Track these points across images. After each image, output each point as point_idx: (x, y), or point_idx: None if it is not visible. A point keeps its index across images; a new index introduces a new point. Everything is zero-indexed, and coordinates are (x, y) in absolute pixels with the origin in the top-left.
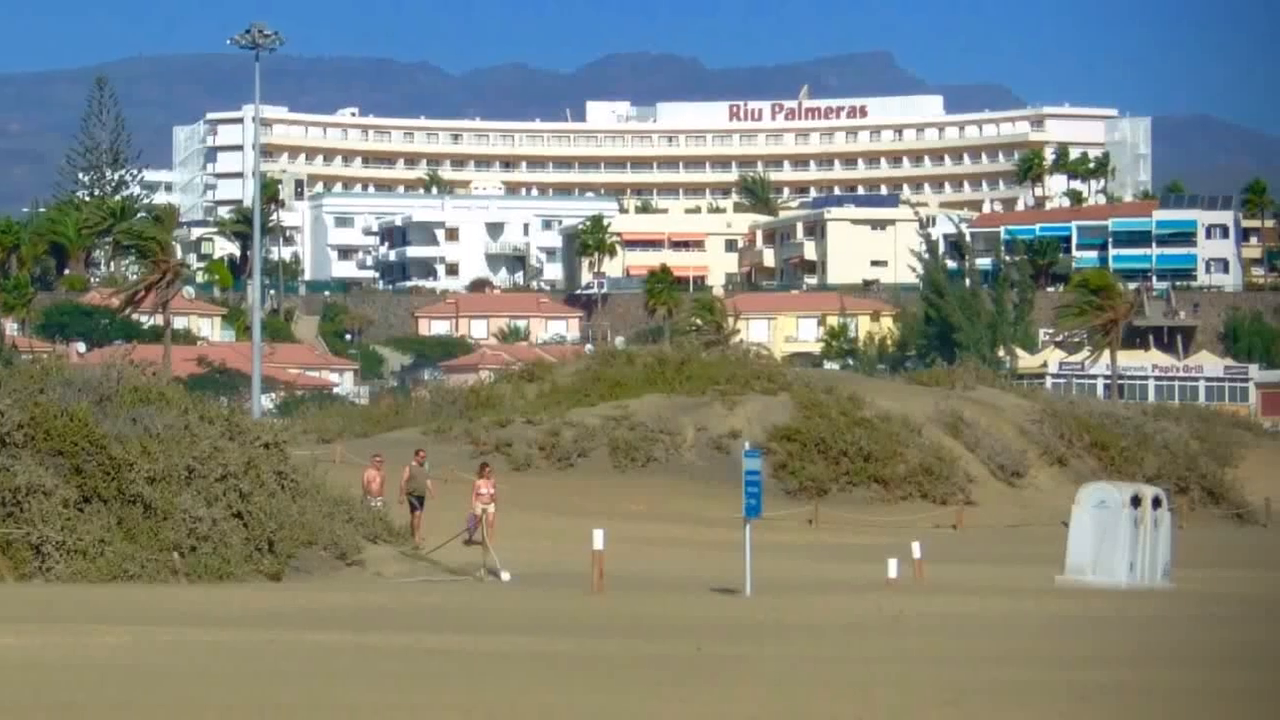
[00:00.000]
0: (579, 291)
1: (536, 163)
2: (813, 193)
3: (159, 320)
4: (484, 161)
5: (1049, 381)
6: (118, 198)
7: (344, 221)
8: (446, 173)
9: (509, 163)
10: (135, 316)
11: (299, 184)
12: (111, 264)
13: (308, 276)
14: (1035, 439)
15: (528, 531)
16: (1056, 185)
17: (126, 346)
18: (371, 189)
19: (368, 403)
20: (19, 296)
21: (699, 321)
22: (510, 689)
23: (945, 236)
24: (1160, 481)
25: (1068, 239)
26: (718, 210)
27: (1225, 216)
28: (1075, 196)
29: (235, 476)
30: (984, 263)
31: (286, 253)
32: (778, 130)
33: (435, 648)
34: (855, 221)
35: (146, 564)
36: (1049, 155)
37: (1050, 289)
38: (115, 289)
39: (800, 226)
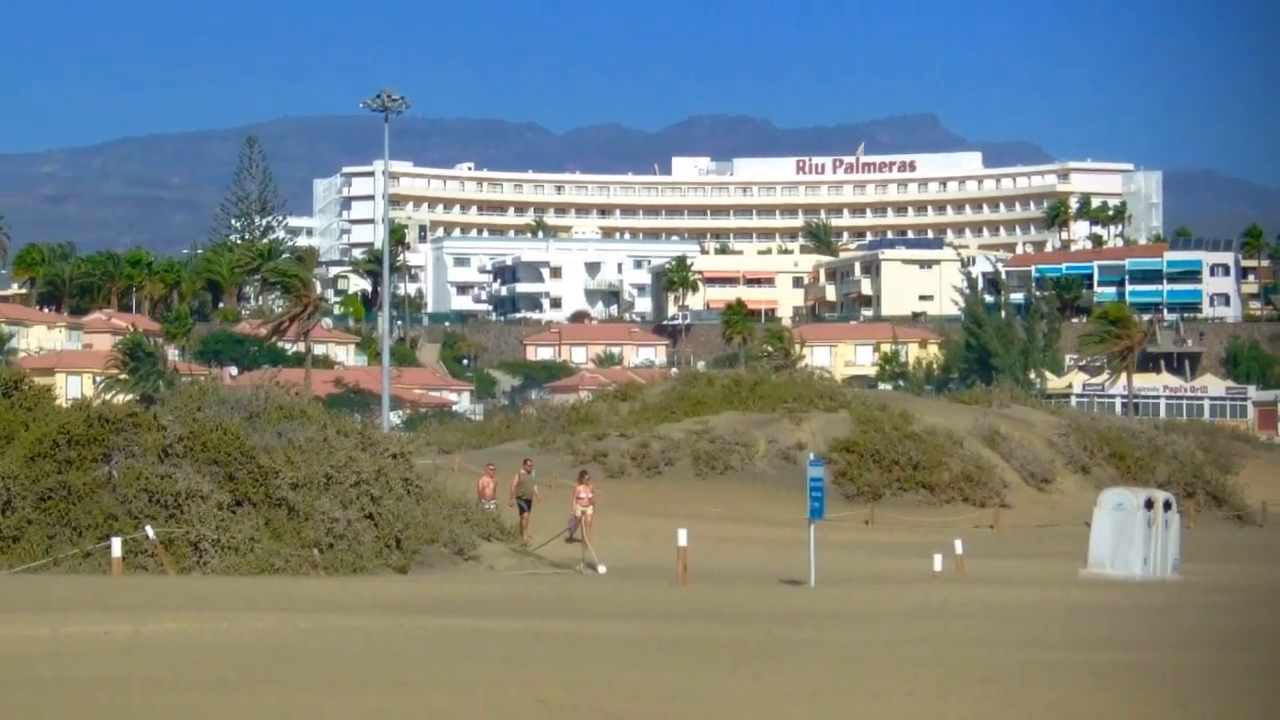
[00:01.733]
0: (665, 322)
1: (629, 210)
2: (868, 236)
3: (301, 347)
4: (583, 209)
5: (1073, 400)
6: (265, 241)
7: (461, 261)
8: (551, 219)
9: (605, 210)
10: (280, 344)
11: (422, 229)
12: (260, 298)
13: (430, 309)
14: (1061, 450)
15: (621, 531)
16: (1080, 230)
17: (273, 370)
18: (485, 233)
19: (482, 419)
20: (180, 327)
21: (770, 348)
22: (605, 667)
23: (984, 275)
24: (1170, 487)
25: (1090, 277)
26: (786, 252)
27: (1226, 257)
28: (1096, 240)
29: (367, 483)
30: (1017, 297)
31: (412, 288)
32: (838, 182)
33: (541, 631)
34: (905, 262)
35: (290, 559)
36: (1073, 204)
37: (1075, 320)
38: (263, 320)
39: (858, 266)
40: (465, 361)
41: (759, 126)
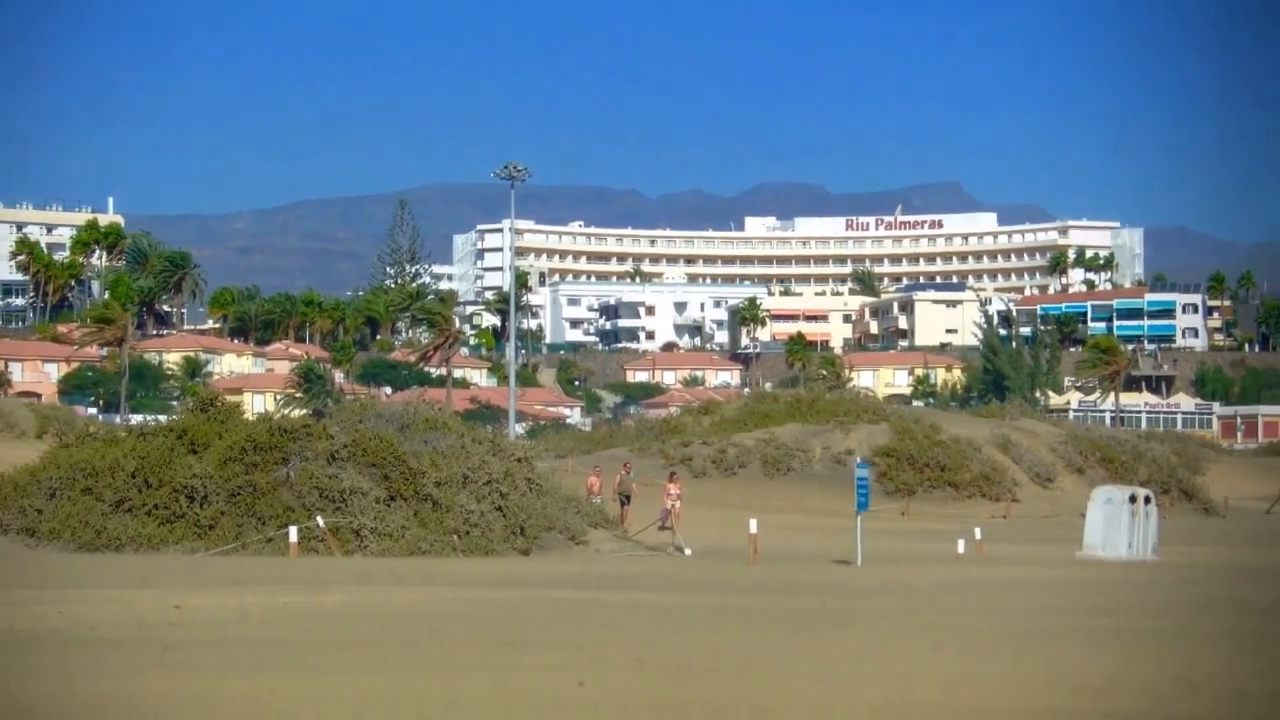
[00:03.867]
0: (739, 351)
1: (709, 260)
2: (904, 282)
3: (443, 371)
4: (672, 259)
5: (1071, 414)
6: (414, 285)
7: (573, 301)
8: (646, 267)
9: (690, 260)
10: (426, 368)
11: (542, 275)
12: (409, 332)
13: (548, 340)
14: (1061, 455)
15: (703, 521)
16: (1076, 276)
17: (420, 390)
18: (593, 279)
19: (590, 430)
20: (344, 355)
21: (824, 372)
22: (690, 632)
23: (998, 313)
24: (1149, 485)
25: (1084, 314)
26: (837, 294)
27: (1196, 298)
28: (1089, 284)
29: (497, 481)
30: (1025, 331)
31: (533, 324)
32: (880, 237)
33: (639, 602)
34: (935, 302)
35: (434, 544)
36: (1071, 255)
37: (1072, 349)
38: (412, 349)
39: (896, 305)
40: (576, 383)
41: (816, 192)
